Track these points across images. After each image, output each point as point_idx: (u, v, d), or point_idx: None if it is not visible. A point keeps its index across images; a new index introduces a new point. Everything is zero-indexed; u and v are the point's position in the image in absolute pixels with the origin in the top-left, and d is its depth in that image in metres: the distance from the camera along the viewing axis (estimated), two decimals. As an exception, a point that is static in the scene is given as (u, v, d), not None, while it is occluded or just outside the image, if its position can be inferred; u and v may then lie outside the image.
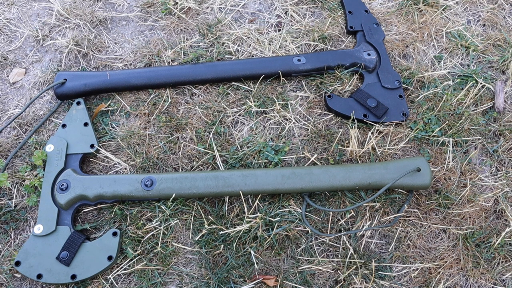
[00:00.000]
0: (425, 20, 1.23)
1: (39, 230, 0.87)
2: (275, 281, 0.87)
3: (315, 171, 0.92)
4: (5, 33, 1.24)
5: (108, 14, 1.26)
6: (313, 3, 1.28)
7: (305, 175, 0.91)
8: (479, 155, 1.03)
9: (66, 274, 0.84)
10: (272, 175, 0.91)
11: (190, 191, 0.91)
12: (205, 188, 0.90)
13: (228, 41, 1.18)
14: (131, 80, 1.08)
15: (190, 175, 0.92)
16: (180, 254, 0.90)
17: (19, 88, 1.14)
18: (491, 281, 0.89)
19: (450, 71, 1.14)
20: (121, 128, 1.05)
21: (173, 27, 1.22)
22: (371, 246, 0.92)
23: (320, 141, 1.03)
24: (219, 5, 1.27)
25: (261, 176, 0.91)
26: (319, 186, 0.91)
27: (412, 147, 1.03)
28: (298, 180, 0.91)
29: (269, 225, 0.91)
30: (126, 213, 0.93)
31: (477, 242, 0.92)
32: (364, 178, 0.91)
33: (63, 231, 0.88)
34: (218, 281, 0.86)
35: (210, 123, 1.05)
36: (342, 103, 1.06)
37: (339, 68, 1.11)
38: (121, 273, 0.88)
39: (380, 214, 0.94)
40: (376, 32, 1.19)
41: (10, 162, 1.01)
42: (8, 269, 0.88)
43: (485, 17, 1.25)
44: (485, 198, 0.97)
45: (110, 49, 1.19)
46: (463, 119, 1.04)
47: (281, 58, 1.11)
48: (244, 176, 0.91)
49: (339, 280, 0.88)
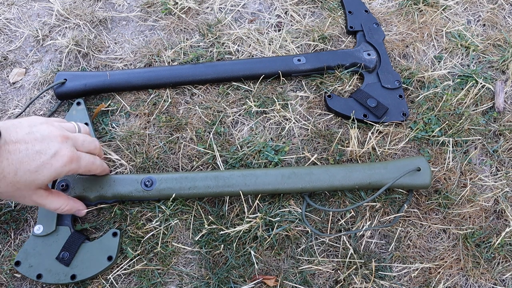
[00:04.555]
0: (425, 20, 1.23)
1: (39, 230, 0.87)
2: (275, 281, 0.87)
3: (315, 171, 0.92)
4: (5, 33, 1.24)
5: (108, 14, 1.26)
6: (313, 3, 1.28)
7: (305, 175, 0.91)
8: (479, 155, 1.03)
9: (66, 274, 0.84)
10: (272, 175, 0.91)
11: (190, 191, 0.90)
12: (205, 188, 0.90)
13: (228, 41, 1.18)
14: (131, 80, 1.08)
15: (190, 175, 0.92)
16: (180, 254, 0.90)
17: (19, 88, 1.14)
18: (491, 281, 0.89)
19: (450, 71, 1.14)
20: (121, 128, 1.05)
21: (173, 27, 1.22)
22: (371, 246, 0.92)
23: (320, 141, 1.03)
24: (219, 5, 1.27)
25: (261, 176, 0.91)
26: (319, 186, 0.91)
27: (412, 147, 1.03)
28: (298, 180, 0.91)
29: (269, 225, 0.91)
30: (126, 213, 0.93)
31: (477, 242, 0.92)
32: (364, 178, 0.91)
33: (63, 231, 0.88)
34: (218, 281, 0.86)
35: (210, 123, 1.05)
36: (342, 103, 1.06)
37: (339, 68, 1.12)
38: (121, 273, 0.88)
39: (380, 214, 0.94)
40: (376, 32, 1.19)
41: (10, 162, 1.01)
42: (8, 269, 0.88)
43: (485, 17, 1.25)
44: (485, 198, 0.97)
45: (110, 49, 1.20)
46: (463, 119, 1.04)
47: (281, 58, 1.11)
48: (244, 176, 0.91)
49: (339, 280, 0.88)
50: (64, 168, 0.71)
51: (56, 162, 0.70)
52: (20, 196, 0.71)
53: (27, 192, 0.71)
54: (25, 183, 0.68)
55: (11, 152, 0.65)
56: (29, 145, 0.67)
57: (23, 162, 0.66)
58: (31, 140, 0.68)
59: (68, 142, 0.73)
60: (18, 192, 0.70)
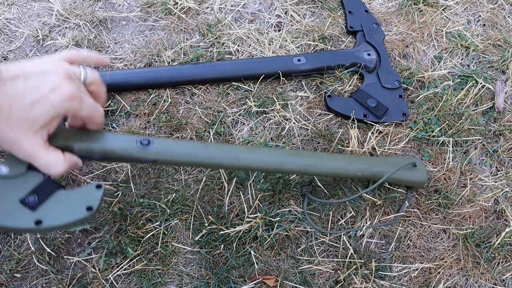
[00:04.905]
0: (425, 20, 1.23)
1: (5, 171, 0.70)
2: (275, 281, 0.87)
3: (319, 154, 0.91)
4: (5, 33, 1.24)
5: (108, 14, 1.26)
6: (313, 3, 1.28)
7: (309, 156, 0.88)
8: (479, 155, 1.03)
9: (30, 219, 0.67)
10: (275, 152, 0.87)
11: (190, 158, 0.82)
12: (207, 158, 0.82)
13: (228, 41, 1.18)
14: (131, 80, 1.08)
15: (191, 143, 0.85)
16: (180, 254, 0.90)
17: (19, 88, 1.13)
18: (491, 281, 0.89)
19: (450, 71, 1.14)
20: (121, 128, 1.05)
21: (173, 27, 1.22)
22: (371, 246, 0.92)
23: (320, 141, 1.03)
24: (219, 5, 1.27)
25: (265, 153, 0.86)
26: (323, 169, 0.87)
27: (412, 147, 1.03)
28: (302, 160, 0.85)
29: (269, 225, 0.91)
30: (126, 213, 0.93)
31: (477, 242, 0.92)
32: (366, 167, 0.90)
33: (34, 176, 0.71)
34: (218, 281, 0.86)
35: (210, 123, 1.05)
36: (342, 103, 1.06)
37: (339, 68, 1.12)
38: (121, 273, 0.88)
39: (380, 214, 0.94)
40: (376, 32, 1.19)
41: (10, 162, 1.00)
42: (8, 269, 0.88)
43: (485, 17, 1.25)
44: (485, 198, 0.97)
45: (110, 49, 1.20)
46: (463, 119, 1.04)
47: (281, 58, 1.11)
48: (249, 151, 0.85)
49: (339, 280, 0.88)
50: (63, 104, 0.63)
51: (54, 97, 0.62)
52: (14, 140, 0.63)
53: (22, 134, 0.63)
54: (19, 120, 0.61)
55: (8, 87, 0.60)
56: (28, 80, 0.62)
57: (19, 96, 0.60)
58: (31, 75, 0.62)
59: (72, 81, 0.66)
60: (12, 134, 0.62)
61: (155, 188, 0.96)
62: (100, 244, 0.92)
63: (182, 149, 0.82)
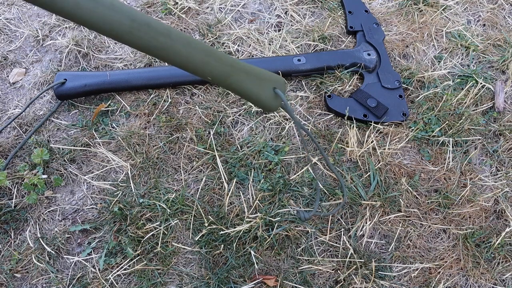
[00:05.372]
0: (425, 20, 1.23)
1: None
2: (275, 281, 0.87)
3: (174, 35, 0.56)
4: (5, 33, 1.24)
5: (108, 14, 1.26)
6: (313, 3, 1.28)
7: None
8: (479, 155, 1.03)
9: None
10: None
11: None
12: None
13: (228, 41, 1.18)
14: (131, 80, 1.08)
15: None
16: (180, 254, 0.90)
17: (19, 88, 1.14)
18: (491, 281, 0.89)
19: (450, 71, 1.14)
20: (121, 128, 1.05)
21: (173, 27, 1.22)
22: (371, 246, 0.92)
23: (320, 141, 1.03)
24: (219, 5, 1.27)
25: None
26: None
27: (412, 147, 1.03)
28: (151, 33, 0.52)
29: (269, 225, 0.91)
30: (126, 213, 0.93)
31: (477, 242, 0.92)
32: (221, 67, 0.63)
33: None
34: (218, 281, 0.86)
35: (210, 123, 1.05)
36: (342, 103, 1.06)
37: (339, 68, 1.12)
38: (121, 273, 0.88)
39: (380, 214, 0.94)
40: (376, 32, 1.19)
41: (10, 162, 1.01)
42: (8, 269, 0.88)
43: (485, 17, 1.25)
44: (485, 198, 0.97)
45: (110, 49, 1.20)
46: (463, 119, 1.04)
47: (281, 58, 1.11)
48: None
49: (339, 280, 0.88)
50: None
51: None
52: None
53: None
54: None
55: None
56: None
57: None
58: None
59: None
60: None
61: (155, 188, 0.96)
62: (100, 244, 0.92)
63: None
